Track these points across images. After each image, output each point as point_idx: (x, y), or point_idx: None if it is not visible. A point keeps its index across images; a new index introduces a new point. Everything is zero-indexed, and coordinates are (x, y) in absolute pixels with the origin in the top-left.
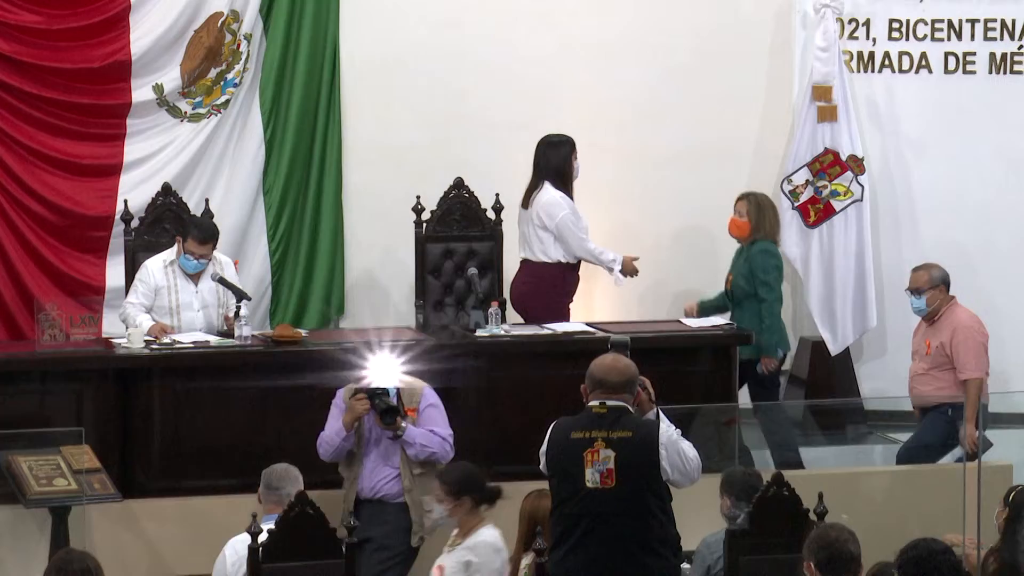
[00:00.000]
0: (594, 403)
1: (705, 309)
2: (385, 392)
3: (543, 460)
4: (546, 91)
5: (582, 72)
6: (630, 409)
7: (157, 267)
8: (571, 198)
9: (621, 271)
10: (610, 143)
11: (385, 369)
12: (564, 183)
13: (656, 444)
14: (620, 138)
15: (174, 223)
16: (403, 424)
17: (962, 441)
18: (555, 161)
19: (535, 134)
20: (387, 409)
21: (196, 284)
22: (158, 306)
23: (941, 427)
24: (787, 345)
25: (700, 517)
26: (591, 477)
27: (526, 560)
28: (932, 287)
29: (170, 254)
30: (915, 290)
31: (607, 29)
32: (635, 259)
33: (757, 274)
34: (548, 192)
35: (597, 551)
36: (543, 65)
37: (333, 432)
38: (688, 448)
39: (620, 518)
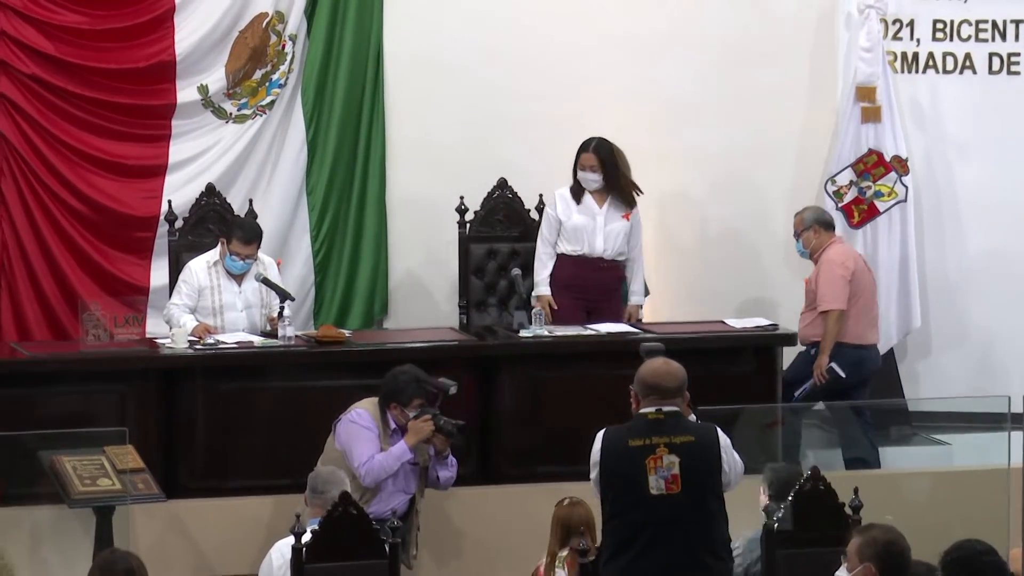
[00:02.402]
0: (649, 409)
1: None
2: (439, 414)
3: (595, 471)
4: (588, 90)
5: (623, 70)
6: (683, 414)
7: (201, 268)
8: (577, 200)
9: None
10: (649, 142)
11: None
12: (575, 182)
13: (718, 448)
14: (659, 137)
15: (218, 224)
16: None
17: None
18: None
19: (577, 133)
20: (455, 431)
21: (239, 284)
22: (202, 307)
23: (801, 363)
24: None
25: (741, 515)
26: (655, 484)
27: (563, 554)
28: (805, 228)
29: (213, 255)
30: (795, 233)
31: (649, 27)
32: (551, 307)
33: None
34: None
35: (664, 557)
36: (585, 64)
37: (393, 457)
38: (735, 452)
39: (686, 523)
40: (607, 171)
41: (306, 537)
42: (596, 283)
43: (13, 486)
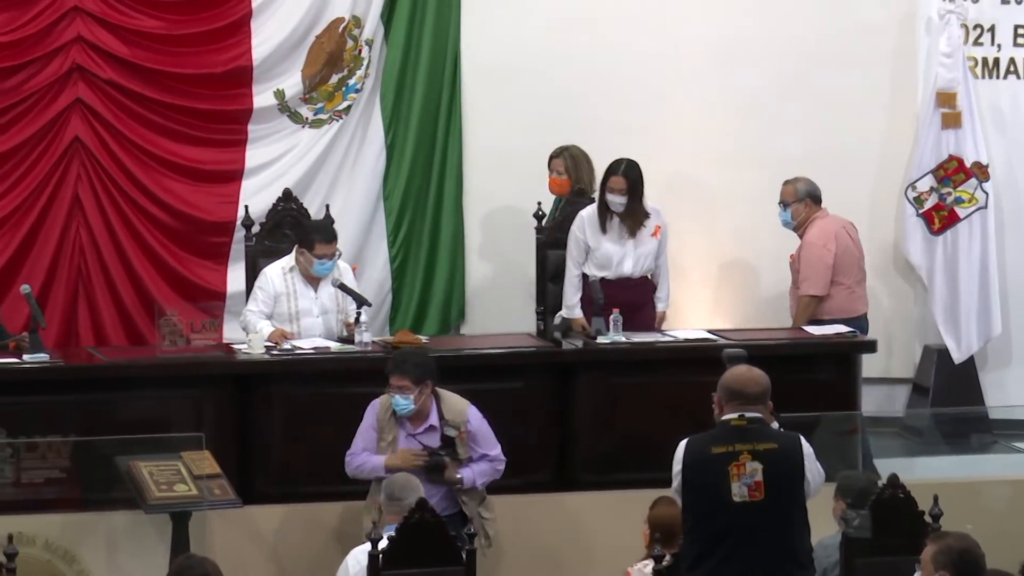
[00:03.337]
0: (732, 416)
1: None
2: (440, 453)
3: (676, 480)
4: (665, 96)
5: (701, 77)
6: (766, 421)
7: (276, 274)
8: (603, 225)
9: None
10: (726, 148)
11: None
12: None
13: (801, 455)
14: (736, 143)
15: (295, 229)
16: (459, 477)
17: None
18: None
19: (653, 139)
20: (433, 467)
21: (316, 290)
22: (278, 313)
23: None
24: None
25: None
26: (738, 491)
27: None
28: (797, 200)
29: (289, 260)
30: (782, 203)
31: (727, 33)
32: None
33: None
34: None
35: (747, 566)
36: (662, 70)
37: (370, 466)
38: (817, 462)
39: (769, 531)
40: (631, 195)
41: (382, 543)
42: (627, 300)
43: (90, 491)
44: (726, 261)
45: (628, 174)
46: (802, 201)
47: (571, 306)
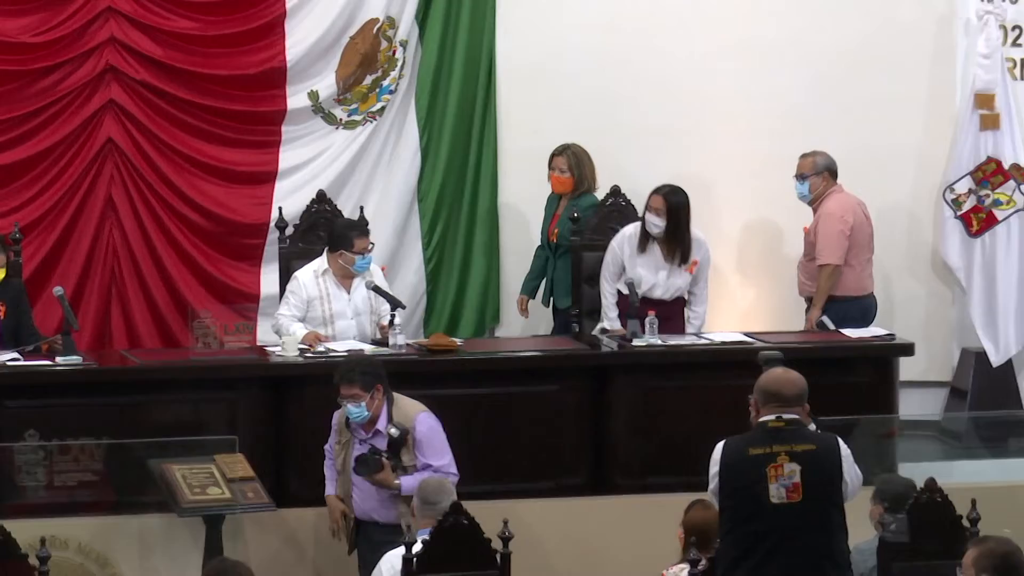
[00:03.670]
0: (769, 417)
1: (530, 285)
2: (378, 452)
3: (714, 482)
4: (702, 98)
5: (739, 79)
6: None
7: (308, 278)
8: (643, 246)
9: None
10: (765, 149)
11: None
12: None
13: (839, 456)
14: (776, 145)
15: (329, 231)
16: (397, 482)
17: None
18: None
19: (690, 142)
20: (365, 463)
21: (348, 292)
22: (311, 317)
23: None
24: None
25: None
26: (776, 492)
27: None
28: (815, 173)
29: (320, 264)
30: (799, 176)
31: (766, 35)
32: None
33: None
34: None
35: (785, 567)
36: (700, 72)
37: (327, 466)
38: (854, 464)
39: (807, 533)
40: (671, 221)
41: (416, 547)
42: (657, 315)
43: (123, 494)
44: (764, 263)
45: (669, 197)
46: (820, 174)
47: (611, 319)
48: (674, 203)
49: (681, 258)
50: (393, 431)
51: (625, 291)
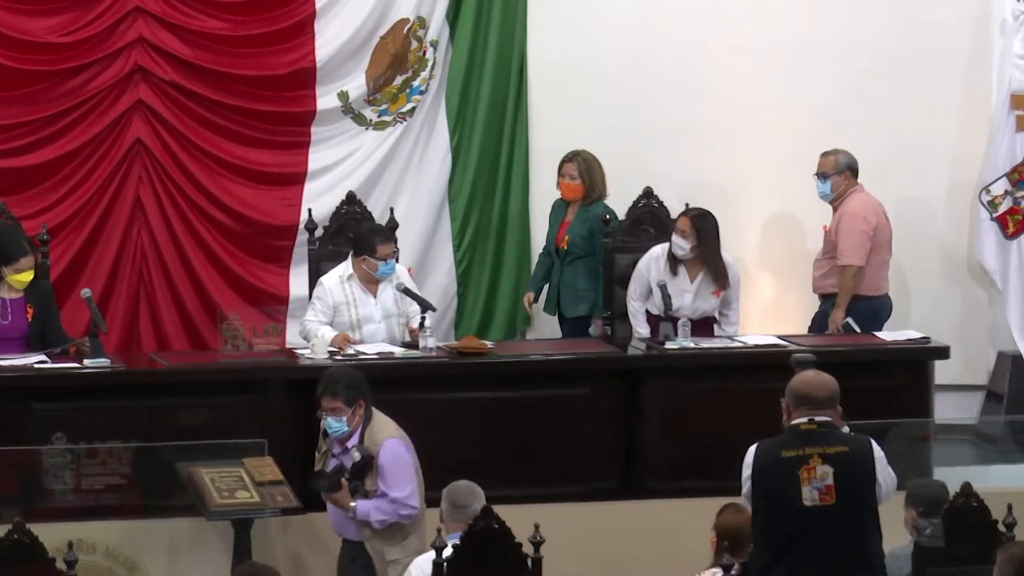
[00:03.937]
0: (801, 420)
1: (535, 287)
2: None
3: (746, 485)
4: (733, 98)
5: (770, 78)
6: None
7: (334, 284)
8: (673, 269)
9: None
10: (796, 151)
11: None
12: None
13: (872, 459)
14: (808, 146)
15: (354, 234)
16: (352, 505)
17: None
18: None
19: (723, 142)
20: (326, 480)
21: (375, 296)
22: (339, 323)
23: (820, 315)
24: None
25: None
26: (809, 495)
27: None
28: (837, 172)
29: (345, 268)
30: (821, 175)
31: (798, 35)
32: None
33: (598, 235)
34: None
35: (818, 571)
36: (730, 72)
37: None
38: (888, 466)
39: (840, 536)
40: (701, 243)
41: (447, 551)
42: None
43: (151, 498)
44: (796, 264)
45: (696, 220)
46: (842, 174)
47: (643, 335)
48: (702, 228)
49: (718, 284)
50: (356, 454)
51: (653, 311)
